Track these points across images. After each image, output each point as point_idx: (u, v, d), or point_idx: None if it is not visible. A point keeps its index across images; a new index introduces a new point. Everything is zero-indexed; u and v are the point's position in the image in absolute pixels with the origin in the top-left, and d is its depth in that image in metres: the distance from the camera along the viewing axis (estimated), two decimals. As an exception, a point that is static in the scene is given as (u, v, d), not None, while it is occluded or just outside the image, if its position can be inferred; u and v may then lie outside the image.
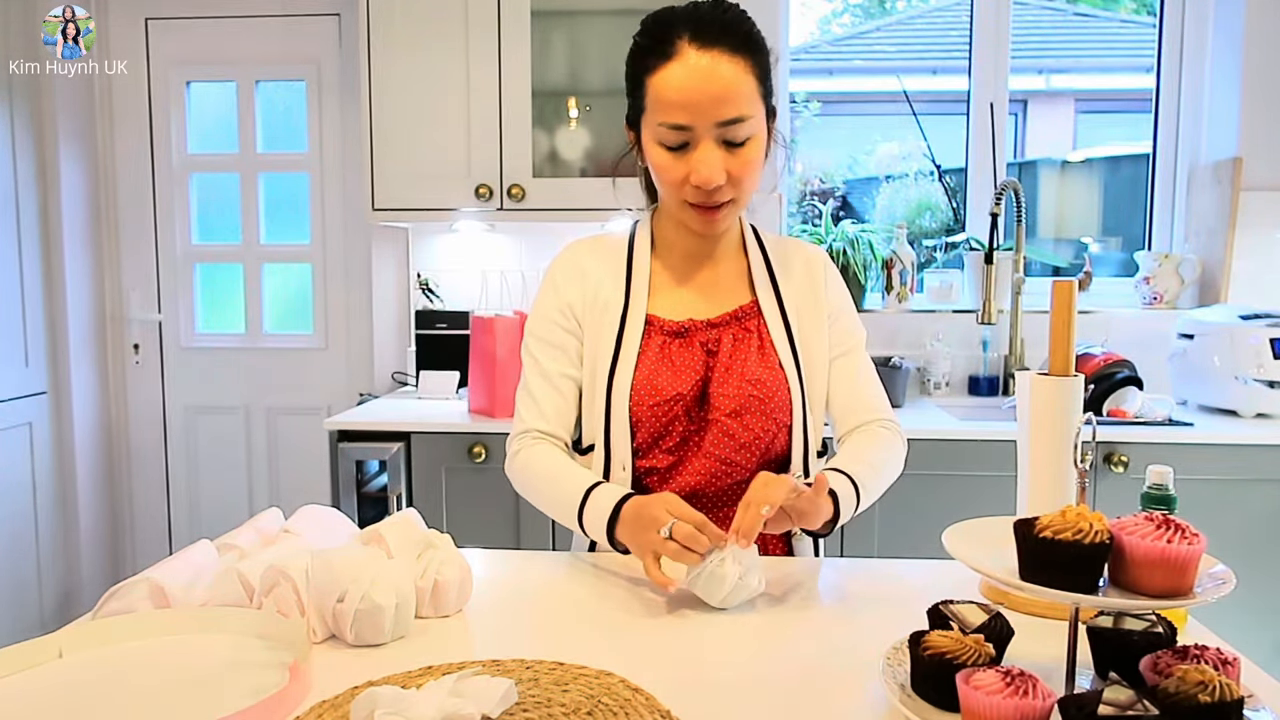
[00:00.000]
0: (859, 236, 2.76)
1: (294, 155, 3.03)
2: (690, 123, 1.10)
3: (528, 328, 1.28)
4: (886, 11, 4.46)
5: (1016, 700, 0.66)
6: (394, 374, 2.94)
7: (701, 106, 1.09)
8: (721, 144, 1.11)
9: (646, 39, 1.14)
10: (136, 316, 3.09)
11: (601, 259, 1.28)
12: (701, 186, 1.12)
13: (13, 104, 2.75)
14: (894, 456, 1.25)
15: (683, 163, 1.13)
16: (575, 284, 1.27)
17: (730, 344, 1.22)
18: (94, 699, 0.81)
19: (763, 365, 1.22)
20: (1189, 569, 0.72)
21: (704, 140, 1.11)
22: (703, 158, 1.11)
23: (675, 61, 1.09)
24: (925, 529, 1.13)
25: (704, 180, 1.11)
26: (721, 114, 1.09)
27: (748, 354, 1.22)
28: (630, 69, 1.17)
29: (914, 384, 2.70)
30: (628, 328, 1.23)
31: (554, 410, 1.25)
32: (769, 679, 0.85)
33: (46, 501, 2.90)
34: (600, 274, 1.26)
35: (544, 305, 1.28)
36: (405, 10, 2.49)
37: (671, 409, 1.19)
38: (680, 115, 1.10)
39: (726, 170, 1.12)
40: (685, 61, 1.09)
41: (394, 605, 0.92)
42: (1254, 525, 2.11)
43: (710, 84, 1.08)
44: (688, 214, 1.18)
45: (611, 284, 1.26)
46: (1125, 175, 3.36)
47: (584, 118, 2.64)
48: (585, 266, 1.28)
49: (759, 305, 1.25)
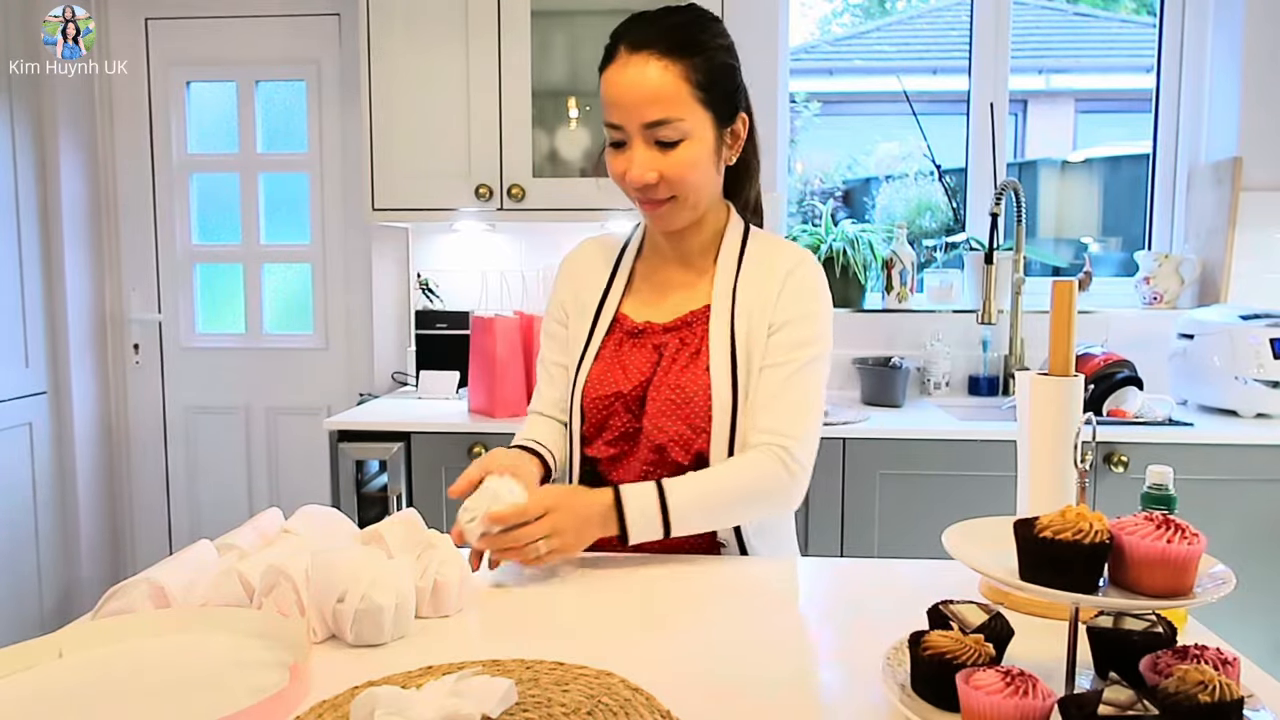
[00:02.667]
0: (859, 236, 2.76)
1: (294, 155, 3.03)
2: (620, 122, 1.16)
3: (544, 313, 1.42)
4: (886, 11, 4.46)
5: (1016, 700, 0.66)
6: (394, 374, 2.94)
7: (628, 108, 1.15)
8: (653, 144, 1.16)
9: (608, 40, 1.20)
10: (136, 316, 3.09)
11: (597, 258, 1.38)
12: (631, 184, 1.18)
13: (13, 104, 2.75)
14: (749, 481, 1.18)
15: (620, 161, 1.19)
16: (570, 281, 1.38)
17: (675, 349, 1.26)
18: (94, 699, 0.81)
19: (690, 372, 1.22)
20: (1189, 569, 0.72)
21: (634, 139, 1.17)
22: (630, 156, 1.18)
23: (613, 64, 1.17)
24: (925, 529, 1.13)
25: (632, 179, 1.18)
26: (646, 115, 1.15)
27: (683, 360, 1.25)
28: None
29: (914, 384, 2.70)
30: (598, 324, 1.32)
31: (549, 395, 1.37)
32: (769, 679, 0.85)
33: (46, 501, 2.90)
34: (590, 272, 1.36)
35: (552, 297, 1.40)
36: (405, 10, 2.49)
37: (610, 405, 1.26)
38: (614, 114, 1.17)
39: (659, 170, 1.17)
40: (618, 64, 1.16)
41: (394, 605, 0.92)
42: (1254, 525, 2.11)
43: (636, 87, 1.14)
44: (643, 211, 1.24)
45: (596, 282, 1.35)
46: (1125, 175, 3.36)
47: (584, 118, 2.64)
48: (581, 264, 1.38)
49: (710, 312, 1.26)
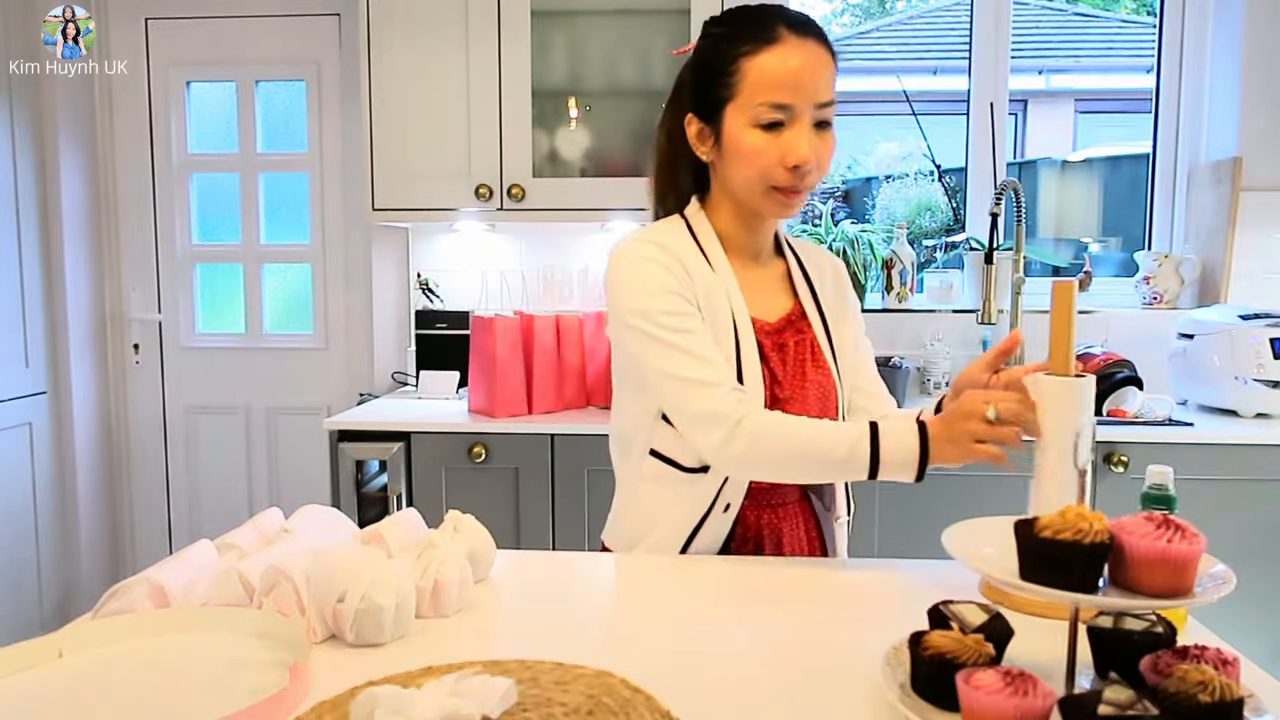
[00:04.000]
0: (859, 236, 2.76)
1: (294, 155, 3.03)
2: (793, 101, 1.14)
3: (640, 310, 1.16)
4: (886, 11, 4.46)
5: (1016, 700, 0.66)
6: (394, 374, 2.94)
7: (804, 86, 1.14)
8: (813, 126, 1.16)
9: (738, 26, 1.18)
10: (136, 316, 3.09)
11: (683, 255, 1.21)
12: (800, 165, 1.15)
13: (13, 104, 2.74)
14: None
15: (776, 145, 1.15)
16: (678, 267, 1.19)
17: (793, 348, 1.25)
18: (94, 699, 0.81)
19: (821, 371, 1.26)
20: (1189, 569, 0.72)
21: (801, 119, 1.15)
22: (800, 137, 1.15)
23: (780, 45, 1.15)
24: (925, 529, 1.13)
25: (803, 158, 1.14)
26: (820, 95, 1.16)
27: (805, 359, 1.25)
28: (721, 53, 1.18)
29: (914, 384, 2.70)
30: (740, 328, 1.20)
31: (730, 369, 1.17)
32: (769, 679, 0.85)
33: (46, 501, 2.90)
34: (694, 269, 1.20)
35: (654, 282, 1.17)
36: (405, 10, 2.49)
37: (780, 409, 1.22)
38: (785, 94, 1.14)
39: (816, 153, 1.16)
40: (789, 45, 1.15)
41: (394, 605, 0.92)
42: (1254, 525, 2.11)
43: (813, 66, 1.15)
44: (769, 199, 1.18)
45: (703, 277, 1.20)
46: (1125, 175, 3.36)
47: (584, 118, 2.64)
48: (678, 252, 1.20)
49: (804, 310, 1.29)
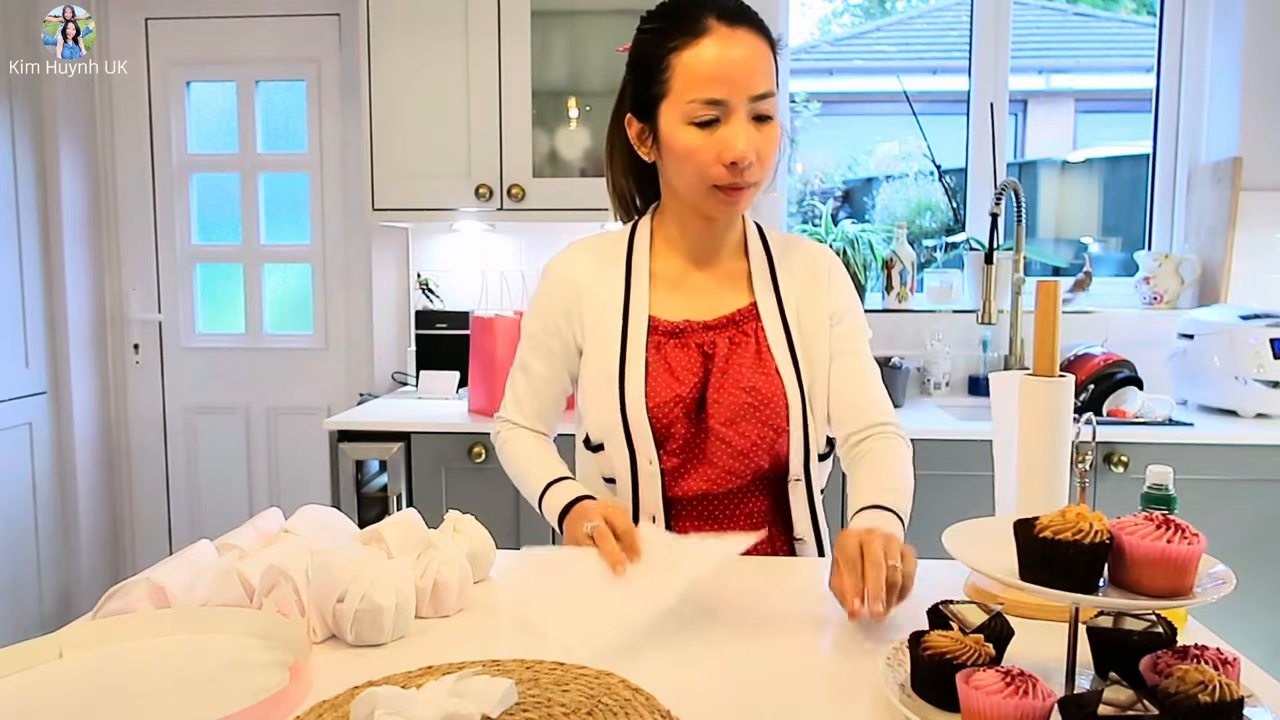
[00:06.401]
0: (859, 236, 2.76)
1: (294, 155, 3.03)
2: (726, 96, 1.10)
3: (524, 321, 1.32)
4: (886, 11, 4.46)
5: (1016, 700, 0.66)
6: (394, 374, 2.94)
7: (736, 80, 1.10)
8: (751, 120, 1.12)
9: (667, 21, 1.15)
10: (136, 316, 3.09)
11: (600, 260, 1.28)
12: (737, 161, 1.11)
13: (13, 104, 2.74)
14: (910, 469, 1.22)
15: (712, 142, 1.12)
16: (567, 287, 1.27)
17: (726, 348, 1.21)
18: (94, 699, 0.81)
19: (759, 371, 1.21)
20: (1189, 569, 0.72)
21: (736, 114, 1.11)
22: (736, 132, 1.11)
23: (708, 38, 1.11)
24: (925, 529, 1.13)
25: (740, 154, 1.10)
26: (755, 88, 1.11)
27: (744, 359, 1.21)
28: (650, 51, 1.15)
29: (914, 384, 2.70)
30: (630, 327, 1.22)
31: (532, 409, 1.32)
32: (769, 679, 0.85)
33: (46, 501, 2.90)
34: (598, 276, 1.26)
35: (538, 307, 1.30)
36: (405, 10, 2.48)
37: (671, 411, 1.19)
38: (717, 89, 1.10)
39: (756, 148, 1.12)
40: (718, 37, 1.11)
41: (394, 605, 0.92)
42: (1254, 525, 2.11)
43: (744, 58, 1.11)
44: (711, 199, 1.16)
45: (610, 284, 1.25)
46: (1125, 175, 3.36)
47: (584, 118, 2.64)
48: (581, 269, 1.28)
49: (757, 308, 1.24)
